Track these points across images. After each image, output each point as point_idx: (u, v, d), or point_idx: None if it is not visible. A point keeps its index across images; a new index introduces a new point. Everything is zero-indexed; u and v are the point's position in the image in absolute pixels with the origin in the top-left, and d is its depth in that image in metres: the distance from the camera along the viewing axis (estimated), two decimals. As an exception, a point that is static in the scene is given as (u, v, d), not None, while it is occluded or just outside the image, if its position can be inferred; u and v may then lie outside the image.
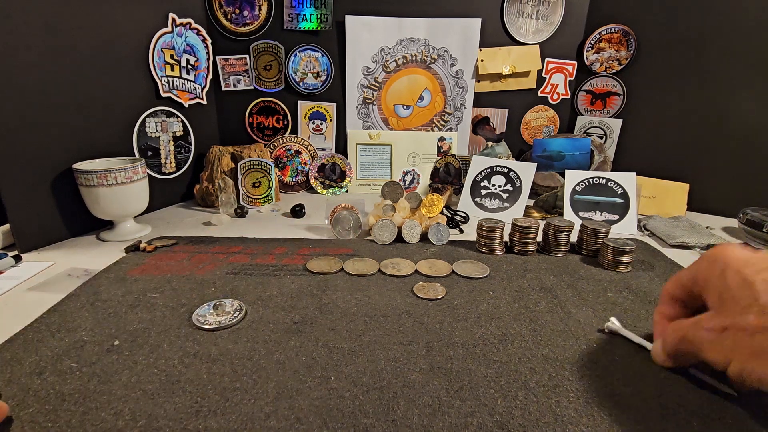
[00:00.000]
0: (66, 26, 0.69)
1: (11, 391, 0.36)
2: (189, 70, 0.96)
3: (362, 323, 0.48)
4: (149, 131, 0.87)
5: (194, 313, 0.48)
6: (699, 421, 0.34)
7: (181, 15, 0.91)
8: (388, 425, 0.33)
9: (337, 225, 0.75)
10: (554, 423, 0.34)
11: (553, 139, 1.07)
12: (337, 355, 0.42)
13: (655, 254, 0.70)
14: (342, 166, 1.10)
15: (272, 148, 1.10)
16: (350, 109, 1.12)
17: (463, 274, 0.60)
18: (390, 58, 1.09)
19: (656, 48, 1.01)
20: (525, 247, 0.68)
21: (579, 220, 0.83)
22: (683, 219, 0.85)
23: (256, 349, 0.43)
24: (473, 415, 0.35)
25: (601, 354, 0.43)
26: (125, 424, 0.33)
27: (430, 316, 0.49)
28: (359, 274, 0.59)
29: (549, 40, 1.09)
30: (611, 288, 0.57)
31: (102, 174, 0.68)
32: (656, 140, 1.04)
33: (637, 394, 0.37)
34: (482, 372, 0.40)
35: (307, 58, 1.08)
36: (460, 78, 1.11)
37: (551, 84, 1.13)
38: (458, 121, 1.15)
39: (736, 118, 0.92)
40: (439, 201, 0.79)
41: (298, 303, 0.52)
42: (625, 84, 1.08)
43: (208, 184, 0.94)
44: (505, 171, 0.92)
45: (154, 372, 0.39)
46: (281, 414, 0.34)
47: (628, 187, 0.85)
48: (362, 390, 0.37)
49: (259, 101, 1.11)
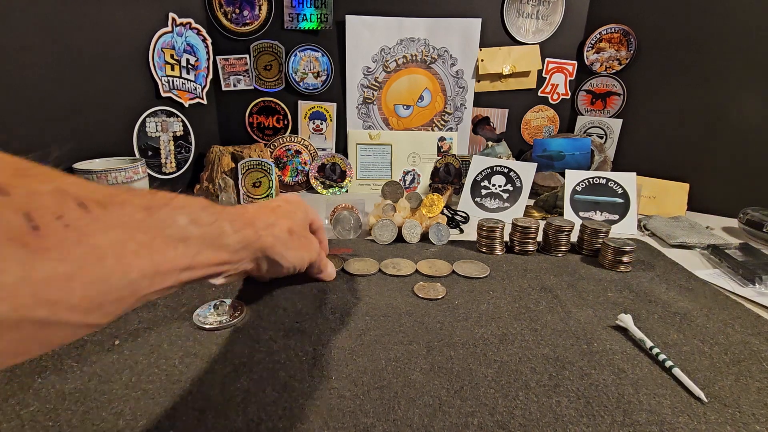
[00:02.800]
0: (66, 26, 0.69)
1: (11, 389, 0.36)
2: (189, 69, 0.96)
3: (362, 323, 0.48)
4: (149, 131, 0.87)
5: (195, 313, 0.48)
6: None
7: (181, 15, 0.91)
8: (389, 425, 0.33)
9: (337, 225, 0.75)
10: (555, 423, 0.34)
11: (553, 139, 1.07)
12: (337, 355, 0.42)
13: (656, 254, 0.70)
14: (342, 166, 1.10)
15: (272, 148, 1.10)
16: (350, 109, 1.12)
17: (463, 274, 0.60)
18: (390, 58, 1.09)
19: (656, 48, 1.02)
20: (525, 247, 0.68)
21: (579, 220, 0.83)
22: (683, 219, 0.85)
23: (256, 348, 0.43)
24: (474, 415, 0.35)
25: (602, 354, 0.43)
26: (126, 424, 0.33)
27: (431, 316, 0.49)
28: (359, 274, 0.59)
29: (549, 40, 1.09)
30: (611, 288, 0.57)
31: (102, 174, 0.68)
32: (656, 140, 1.04)
33: (637, 393, 0.37)
34: (483, 372, 0.40)
35: (307, 57, 1.08)
36: (461, 78, 1.11)
37: (551, 84, 1.13)
38: (458, 121, 1.15)
39: (736, 118, 0.92)
40: (440, 201, 0.79)
41: (298, 302, 0.52)
42: (625, 84, 1.08)
43: (208, 184, 0.94)
44: (505, 171, 0.92)
45: (155, 372, 0.39)
46: (282, 413, 0.34)
47: (628, 187, 0.85)
48: (363, 390, 0.37)
49: (260, 101, 1.11)
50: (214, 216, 0.27)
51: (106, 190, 0.23)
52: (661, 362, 0.41)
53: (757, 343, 0.45)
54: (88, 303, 0.19)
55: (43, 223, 0.18)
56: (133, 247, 0.21)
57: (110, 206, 0.21)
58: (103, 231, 0.20)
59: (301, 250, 0.40)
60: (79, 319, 0.19)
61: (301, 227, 0.39)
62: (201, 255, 0.26)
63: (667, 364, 0.41)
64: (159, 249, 0.23)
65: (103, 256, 0.20)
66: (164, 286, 0.24)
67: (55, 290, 0.18)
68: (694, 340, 0.46)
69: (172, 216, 0.24)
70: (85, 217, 0.20)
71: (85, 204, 0.20)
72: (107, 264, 0.20)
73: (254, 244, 0.31)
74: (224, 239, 0.28)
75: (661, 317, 0.50)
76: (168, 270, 0.23)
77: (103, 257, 0.20)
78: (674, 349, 0.44)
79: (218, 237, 0.27)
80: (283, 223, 0.35)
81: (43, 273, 0.18)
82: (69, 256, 0.19)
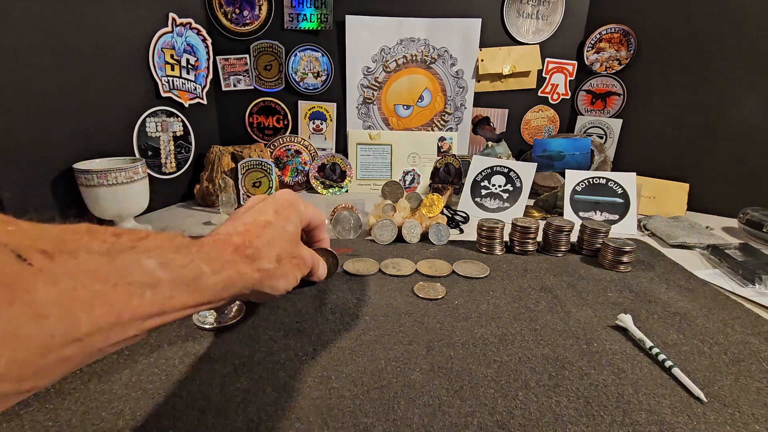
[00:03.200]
0: (66, 26, 0.69)
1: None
2: (189, 69, 0.96)
3: (362, 323, 0.48)
4: (149, 131, 0.87)
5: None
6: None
7: (181, 15, 0.91)
8: (389, 425, 0.33)
9: (337, 225, 0.75)
10: (554, 423, 0.34)
11: (553, 139, 1.07)
12: (337, 355, 0.42)
13: (656, 254, 0.70)
14: (342, 166, 1.10)
15: (272, 148, 1.10)
16: (350, 109, 1.12)
17: (463, 274, 0.60)
18: (390, 58, 1.09)
19: (656, 48, 1.01)
20: (525, 247, 0.68)
21: (579, 220, 0.83)
22: (683, 219, 0.85)
23: (256, 348, 0.43)
24: (473, 415, 0.35)
25: (602, 354, 0.43)
26: (126, 424, 0.33)
27: (431, 316, 0.49)
28: (359, 274, 0.60)
29: (549, 40, 1.09)
30: (611, 288, 0.57)
31: (102, 174, 0.68)
32: (656, 140, 1.04)
33: (636, 393, 0.37)
34: (482, 372, 0.40)
35: (307, 57, 1.08)
36: (460, 78, 1.11)
37: (551, 84, 1.13)
38: (458, 121, 1.15)
39: (736, 118, 0.92)
40: (440, 201, 0.79)
41: (298, 302, 0.52)
42: (625, 84, 1.08)
43: (208, 184, 0.94)
44: (505, 171, 0.92)
45: (155, 372, 0.39)
46: (282, 413, 0.34)
47: (628, 187, 0.85)
48: (362, 389, 0.37)
49: (259, 101, 1.11)
50: (189, 257, 0.25)
51: (58, 236, 0.21)
52: (661, 362, 0.41)
53: (756, 343, 0.45)
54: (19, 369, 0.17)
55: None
56: (85, 299, 0.19)
57: (59, 255, 0.19)
58: (46, 285, 0.18)
59: (289, 274, 0.38)
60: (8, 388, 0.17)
61: (290, 248, 0.37)
62: (175, 299, 0.24)
63: (666, 364, 0.41)
64: (119, 298, 0.21)
65: (44, 314, 0.18)
66: (125, 336, 0.21)
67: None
68: (694, 340, 0.46)
69: (137, 260, 0.22)
70: (22, 272, 0.18)
71: (24, 256, 0.18)
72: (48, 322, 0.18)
73: (237, 284, 0.29)
74: (202, 281, 0.25)
75: (661, 317, 0.50)
76: (130, 319, 0.21)
77: (44, 315, 0.18)
78: (674, 349, 0.44)
79: (195, 279, 0.25)
80: (270, 252, 0.33)
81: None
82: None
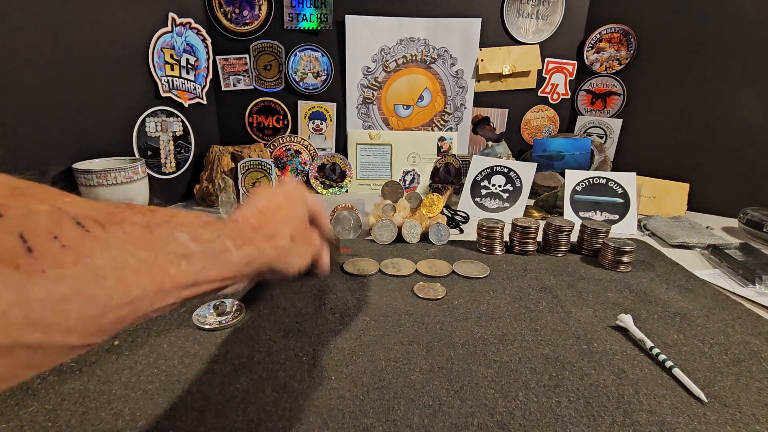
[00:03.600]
0: (66, 26, 0.69)
1: (11, 390, 0.36)
2: (189, 69, 0.96)
3: (362, 323, 0.48)
4: (149, 131, 0.87)
5: (194, 313, 0.48)
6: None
7: (181, 15, 0.91)
8: (389, 425, 0.33)
9: (337, 225, 0.75)
10: (554, 423, 0.34)
11: (553, 139, 1.07)
12: (337, 355, 0.42)
13: (656, 254, 0.70)
14: (342, 166, 1.10)
15: (272, 148, 1.09)
16: (350, 109, 1.12)
17: (463, 274, 0.60)
18: (390, 58, 1.09)
19: (656, 48, 1.01)
20: (525, 247, 0.68)
21: (579, 220, 0.83)
22: (683, 219, 0.85)
23: (256, 349, 0.43)
24: (474, 415, 0.35)
25: (602, 354, 0.43)
26: (125, 424, 0.33)
27: (431, 316, 0.49)
28: (359, 274, 0.59)
29: (549, 39, 1.09)
30: (611, 288, 0.57)
31: (102, 174, 0.68)
32: (656, 140, 1.04)
33: (637, 393, 0.37)
34: (483, 372, 0.40)
35: (307, 57, 1.07)
36: (460, 78, 1.11)
37: (551, 84, 1.13)
38: (458, 121, 1.15)
39: (736, 118, 0.92)
40: (439, 201, 0.79)
41: (298, 302, 0.52)
42: (625, 84, 1.08)
43: (208, 184, 0.94)
44: (505, 171, 0.92)
45: (154, 372, 0.39)
46: (282, 413, 0.34)
47: (628, 186, 0.85)
48: (362, 390, 0.37)
49: (259, 101, 1.10)
50: (215, 233, 0.27)
51: (105, 209, 0.22)
52: (661, 362, 0.41)
53: (757, 343, 0.45)
54: (84, 324, 0.19)
55: (38, 244, 0.18)
56: (134, 265, 0.21)
57: (109, 225, 0.21)
58: (102, 250, 0.20)
59: (302, 251, 0.40)
60: (75, 341, 0.19)
61: (302, 227, 0.39)
62: (206, 272, 0.25)
63: (667, 364, 0.41)
64: (161, 266, 0.23)
65: (103, 276, 0.20)
66: (166, 303, 0.23)
67: (50, 313, 0.18)
68: (694, 341, 0.46)
69: (172, 233, 0.24)
70: (82, 237, 0.20)
71: (82, 223, 0.20)
72: (107, 284, 0.20)
73: (257, 259, 0.31)
74: (228, 256, 0.27)
75: (661, 317, 0.50)
76: (171, 287, 0.23)
77: (102, 277, 0.20)
78: (674, 350, 0.44)
79: (221, 253, 0.27)
80: (285, 230, 0.35)
81: (37, 296, 0.17)
82: (65, 278, 0.18)
